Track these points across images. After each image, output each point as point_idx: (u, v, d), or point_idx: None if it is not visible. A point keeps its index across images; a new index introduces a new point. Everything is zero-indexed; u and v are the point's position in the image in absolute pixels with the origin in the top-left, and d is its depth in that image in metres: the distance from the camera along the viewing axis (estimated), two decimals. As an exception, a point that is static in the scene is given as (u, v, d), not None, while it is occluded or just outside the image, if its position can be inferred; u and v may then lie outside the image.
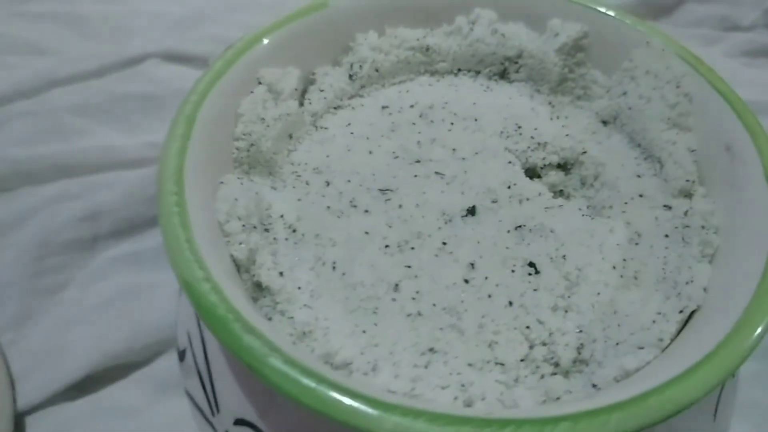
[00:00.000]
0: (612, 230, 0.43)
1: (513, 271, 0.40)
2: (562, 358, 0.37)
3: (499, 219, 0.42)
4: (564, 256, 0.41)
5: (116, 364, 0.59)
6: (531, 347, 0.38)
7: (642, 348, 0.37)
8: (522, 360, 0.37)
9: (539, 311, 0.39)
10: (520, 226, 0.42)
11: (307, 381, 0.31)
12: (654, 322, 0.38)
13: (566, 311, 0.39)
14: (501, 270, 0.40)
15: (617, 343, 0.37)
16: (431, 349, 0.37)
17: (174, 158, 0.40)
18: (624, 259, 0.41)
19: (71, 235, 0.67)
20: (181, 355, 0.44)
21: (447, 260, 0.40)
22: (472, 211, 0.43)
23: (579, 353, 0.38)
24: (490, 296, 0.39)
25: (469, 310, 0.38)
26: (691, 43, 0.80)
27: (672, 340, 0.37)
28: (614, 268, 0.41)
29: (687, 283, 0.39)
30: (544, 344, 0.38)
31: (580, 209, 0.44)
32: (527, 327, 0.38)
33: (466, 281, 0.40)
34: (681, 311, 0.38)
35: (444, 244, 0.41)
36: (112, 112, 0.77)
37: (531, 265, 0.40)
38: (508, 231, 0.42)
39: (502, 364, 0.37)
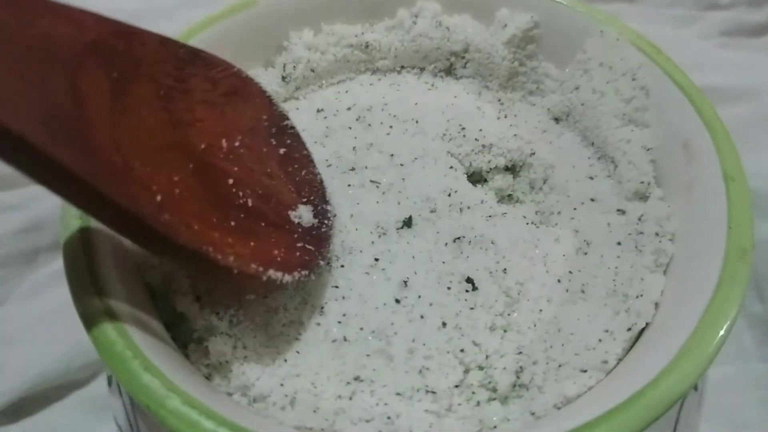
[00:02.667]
0: (558, 239, 0.40)
1: (449, 288, 0.38)
2: (499, 383, 0.35)
3: (437, 231, 0.40)
4: (505, 269, 0.39)
5: (54, 384, 0.57)
6: (466, 372, 0.35)
7: (585, 371, 0.34)
8: (456, 386, 0.35)
9: (475, 332, 0.36)
10: (458, 238, 0.40)
11: (207, 423, 0.29)
12: (600, 341, 0.35)
13: (505, 331, 0.37)
14: (436, 287, 0.38)
15: (560, 365, 0.35)
16: (357, 378, 0.35)
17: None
18: (570, 272, 0.39)
19: (11, 248, 0.64)
20: (110, 380, 0.42)
21: (378, 278, 0.38)
22: (408, 223, 0.40)
23: (518, 377, 0.35)
24: (422, 317, 0.37)
25: (399, 333, 0.36)
26: (667, 24, 0.78)
27: (619, 361, 0.35)
28: (559, 281, 0.38)
29: (637, 297, 0.36)
30: (480, 368, 0.35)
31: (525, 217, 0.42)
32: (461, 350, 0.36)
33: (398, 301, 0.37)
34: (629, 329, 0.35)
35: (376, 260, 0.39)
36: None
37: (468, 281, 0.38)
38: (446, 244, 0.40)
39: (434, 392, 0.34)
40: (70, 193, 0.28)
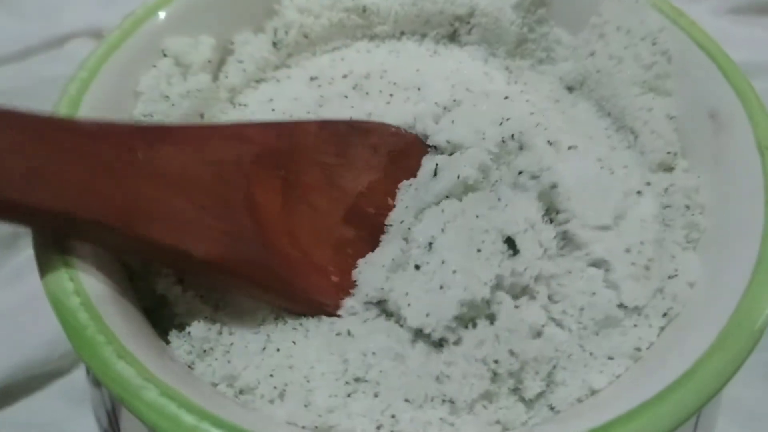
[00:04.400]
0: (641, 194, 0.36)
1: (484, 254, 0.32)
2: (529, 390, 0.31)
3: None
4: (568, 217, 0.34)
5: (35, 373, 0.55)
6: (494, 378, 0.31)
7: (612, 359, 0.31)
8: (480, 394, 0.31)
9: (516, 338, 0.31)
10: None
11: (187, 417, 0.26)
12: (635, 326, 0.32)
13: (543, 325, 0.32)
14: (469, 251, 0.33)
15: (591, 354, 0.32)
16: (358, 379, 0.31)
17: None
18: (642, 242, 0.34)
19: (-11, 231, 0.62)
20: (88, 368, 0.39)
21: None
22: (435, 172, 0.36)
23: (549, 376, 0.31)
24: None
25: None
26: (674, 1, 0.76)
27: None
28: (628, 251, 0.34)
29: (670, 277, 0.33)
30: (510, 375, 0.31)
31: (600, 160, 0.38)
32: (495, 361, 0.31)
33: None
34: (665, 314, 0.32)
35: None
36: (36, 97, 0.71)
37: (509, 242, 0.32)
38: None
39: (452, 402, 0.30)
40: (254, 295, 0.32)
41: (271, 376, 0.31)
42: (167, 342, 0.33)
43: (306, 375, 0.31)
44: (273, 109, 0.42)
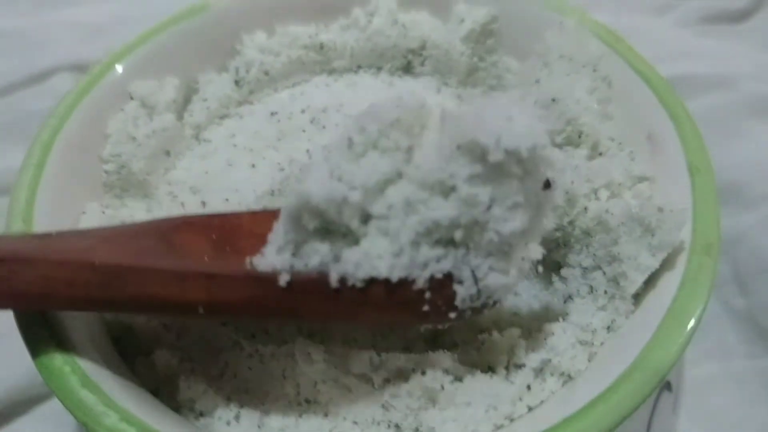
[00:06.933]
0: None
1: None
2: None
3: None
4: None
5: (17, 399, 0.56)
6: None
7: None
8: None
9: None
10: None
11: None
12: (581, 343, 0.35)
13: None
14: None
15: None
16: (308, 401, 0.34)
17: (24, 191, 0.38)
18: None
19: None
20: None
21: None
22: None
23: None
24: None
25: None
26: (643, 13, 0.77)
27: None
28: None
29: (612, 297, 0.35)
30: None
31: None
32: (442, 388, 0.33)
33: None
34: (608, 327, 0.35)
35: None
36: (19, 131, 0.74)
37: None
38: None
39: (398, 427, 0.33)
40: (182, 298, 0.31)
41: (228, 399, 0.34)
42: (134, 369, 0.35)
43: (260, 398, 0.34)
44: (235, 145, 0.45)
